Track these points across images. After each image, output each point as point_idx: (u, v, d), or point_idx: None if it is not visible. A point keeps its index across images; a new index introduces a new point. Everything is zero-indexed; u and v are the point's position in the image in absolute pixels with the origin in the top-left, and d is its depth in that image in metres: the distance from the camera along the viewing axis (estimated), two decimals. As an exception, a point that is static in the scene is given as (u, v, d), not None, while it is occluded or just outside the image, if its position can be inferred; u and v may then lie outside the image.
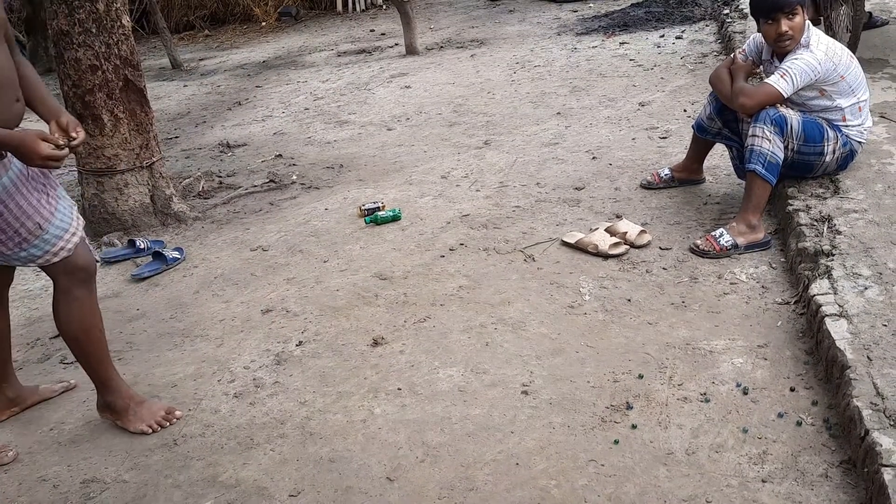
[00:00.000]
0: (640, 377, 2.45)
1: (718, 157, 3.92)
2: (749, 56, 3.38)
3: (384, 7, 10.84)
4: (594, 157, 4.31)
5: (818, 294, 2.55)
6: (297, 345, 2.89)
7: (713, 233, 3.15)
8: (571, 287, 3.04)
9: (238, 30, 11.05)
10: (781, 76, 3.08)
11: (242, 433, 2.44)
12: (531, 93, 5.76)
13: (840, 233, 2.89)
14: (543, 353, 2.64)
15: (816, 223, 3.00)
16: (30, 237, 2.27)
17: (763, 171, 3.07)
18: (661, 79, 5.64)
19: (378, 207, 3.92)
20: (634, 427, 2.24)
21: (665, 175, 3.79)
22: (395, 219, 3.84)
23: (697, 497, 1.97)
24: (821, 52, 3.08)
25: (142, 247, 3.83)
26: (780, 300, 2.77)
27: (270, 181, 4.65)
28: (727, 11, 6.90)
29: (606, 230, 3.32)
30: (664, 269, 3.08)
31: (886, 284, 2.55)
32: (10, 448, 2.49)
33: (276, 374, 2.72)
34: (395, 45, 8.22)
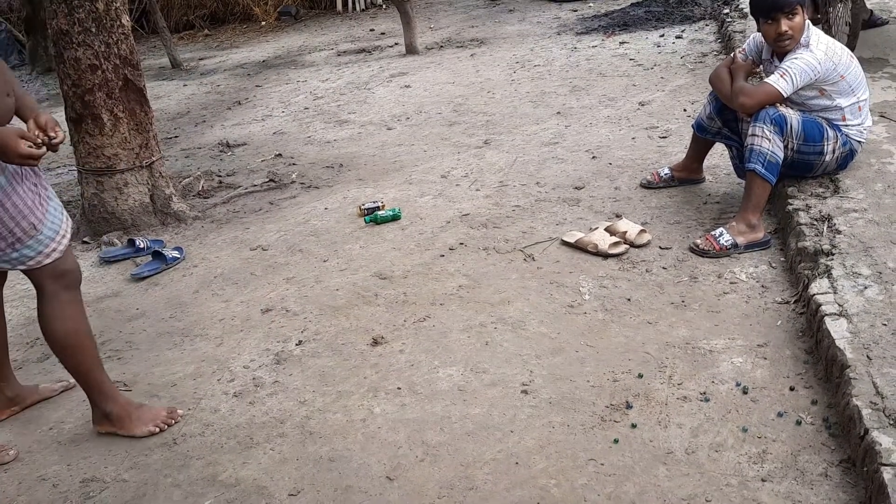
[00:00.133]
0: (640, 376, 2.45)
1: (718, 157, 3.91)
2: (749, 55, 3.38)
3: (384, 6, 10.84)
4: (594, 157, 4.31)
5: (818, 293, 2.55)
6: (297, 344, 2.89)
7: (713, 232, 3.15)
8: (571, 286, 3.04)
9: (238, 29, 11.06)
10: (781, 76, 3.08)
11: (242, 432, 2.44)
12: (531, 92, 5.76)
13: (840, 232, 2.89)
14: (543, 353, 2.64)
15: (816, 222, 3.00)
16: (24, 237, 2.24)
17: (763, 171, 3.07)
18: (661, 78, 5.64)
19: (378, 207, 3.92)
20: (634, 426, 2.24)
21: (665, 174, 3.79)
22: (395, 218, 3.84)
23: (697, 496, 1.97)
24: (820, 52, 3.08)
25: (141, 246, 3.83)
26: (780, 299, 2.77)
27: (270, 180, 4.65)
28: (727, 11, 6.90)
29: (606, 229, 3.32)
30: (664, 269, 3.08)
31: (886, 284, 2.55)
32: (10, 447, 2.48)
33: (276, 374, 2.72)
34: (395, 45, 8.22)
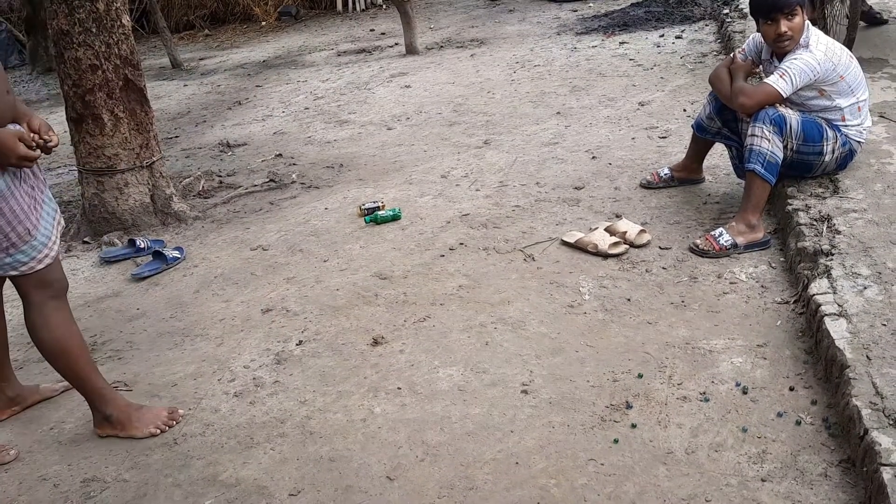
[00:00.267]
0: (640, 376, 2.45)
1: (718, 157, 3.92)
2: (748, 55, 3.38)
3: (384, 7, 10.84)
4: (594, 157, 4.31)
5: (817, 293, 2.55)
6: (297, 344, 2.89)
7: (713, 232, 3.15)
8: (571, 286, 3.04)
9: (238, 29, 11.06)
10: (781, 76, 3.08)
11: (242, 432, 2.44)
12: (531, 92, 5.76)
13: (839, 232, 2.89)
14: (543, 353, 2.64)
15: (816, 223, 3.00)
16: (19, 242, 2.23)
17: (762, 171, 3.07)
18: (661, 78, 5.64)
19: (378, 207, 3.93)
20: (634, 426, 2.24)
21: (665, 174, 3.79)
22: (395, 218, 3.84)
23: (697, 496, 1.97)
24: (820, 53, 3.09)
25: (142, 246, 3.84)
26: (780, 300, 2.78)
27: (270, 181, 4.65)
28: (727, 11, 6.90)
29: (606, 230, 3.33)
30: (664, 269, 3.08)
31: (886, 284, 2.55)
32: (11, 447, 2.49)
33: (276, 374, 2.72)
34: (395, 45, 8.22)
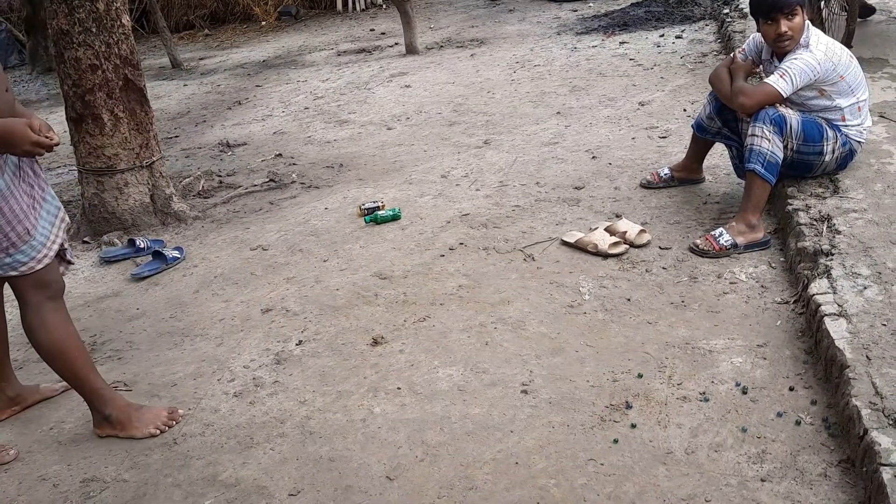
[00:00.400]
0: (640, 376, 2.45)
1: (718, 157, 3.92)
2: (749, 55, 3.38)
3: (384, 6, 10.84)
4: (594, 157, 4.31)
5: (817, 293, 2.55)
6: (297, 344, 2.89)
7: (713, 232, 3.15)
8: (571, 286, 3.04)
9: (238, 29, 11.06)
10: (781, 76, 3.08)
11: (242, 432, 2.44)
12: (531, 92, 5.76)
13: (839, 232, 2.89)
14: (543, 353, 2.64)
15: (816, 223, 3.00)
16: (18, 242, 2.22)
17: (762, 171, 3.07)
18: (661, 78, 5.64)
19: (378, 207, 3.92)
20: (634, 426, 2.24)
21: (665, 174, 3.79)
22: (395, 218, 3.84)
23: (696, 496, 1.97)
24: (820, 52, 3.08)
25: (142, 246, 3.84)
26: (780, 299, 2.77)
27: (270, 180, 4.65)
28: (727, 11, 6.90)
29: (606, 229, 3.32)
30: (664, 269, 3.08)
31: (885, 284, 2.55)
32: (11, 447, 2.49)
33: (276, 374, 2.72)
34: (395, 45, 8.22)
